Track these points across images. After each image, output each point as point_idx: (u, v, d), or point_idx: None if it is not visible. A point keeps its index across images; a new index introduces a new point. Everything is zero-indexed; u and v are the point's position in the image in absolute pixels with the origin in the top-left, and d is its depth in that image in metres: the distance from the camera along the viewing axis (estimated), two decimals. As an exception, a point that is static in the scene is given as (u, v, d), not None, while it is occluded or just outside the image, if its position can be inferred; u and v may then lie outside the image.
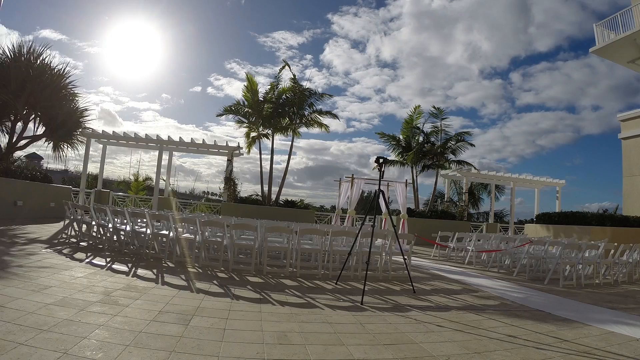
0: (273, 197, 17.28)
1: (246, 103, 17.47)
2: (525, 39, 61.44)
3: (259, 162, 17.91)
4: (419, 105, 18.24)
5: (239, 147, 16.67)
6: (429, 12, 63.44)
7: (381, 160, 4.92)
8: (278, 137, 18.06)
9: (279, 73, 17.52)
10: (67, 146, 12.25)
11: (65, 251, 5.67)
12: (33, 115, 11.42)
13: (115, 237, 6.40)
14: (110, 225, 6.49)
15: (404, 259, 5.45)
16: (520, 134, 63.91)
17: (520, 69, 61.26)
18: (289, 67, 17.35)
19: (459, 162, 17.96)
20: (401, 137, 18.70)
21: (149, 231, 6.02)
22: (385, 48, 68.07)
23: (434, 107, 18.10)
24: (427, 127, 18.35)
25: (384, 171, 5.04)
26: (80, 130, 12.59)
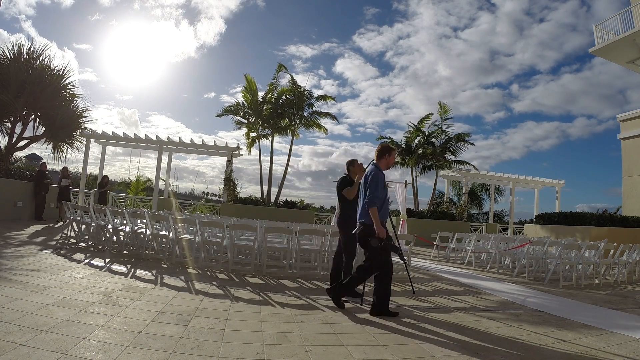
0: (273, 197, 17.28)
1: (245, 104, 17.47)
2: (526, 58, 63.27)
3: (259, 163, 17.94)
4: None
5: (238, 148, 16.63)
6: (440, 34, 65.60)
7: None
8: (280, 139, 18.08)
9: (276, 73, 17.55)
10: (67, 147, 12.26)
11: (64, 252, 5.66)
12: (33, 116, 11.42)
13: (114, 237, 6.39)
14: (109, 226, 6.48)
15: (404, 260, 5.43)
16: (519, 139, 65.14)
17: (520, 79, 62.59)
18: (286, 69, 17.42)
19: (459, 163, 17.97)
20: (402, 139, 18.75)
21: (148, 232, 6.01)
22: (395, 60, 70.04)
23: (439, 103, 18.06)
24: (428, 126, 18.38)
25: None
26: (79, 130, 12.59)
